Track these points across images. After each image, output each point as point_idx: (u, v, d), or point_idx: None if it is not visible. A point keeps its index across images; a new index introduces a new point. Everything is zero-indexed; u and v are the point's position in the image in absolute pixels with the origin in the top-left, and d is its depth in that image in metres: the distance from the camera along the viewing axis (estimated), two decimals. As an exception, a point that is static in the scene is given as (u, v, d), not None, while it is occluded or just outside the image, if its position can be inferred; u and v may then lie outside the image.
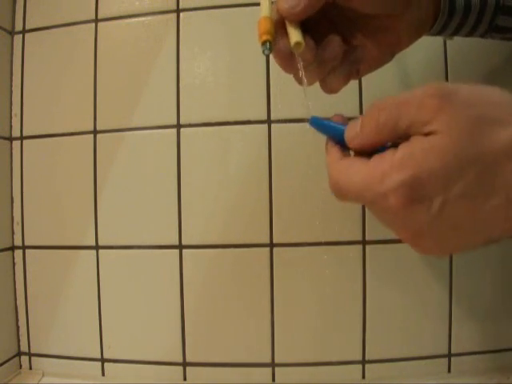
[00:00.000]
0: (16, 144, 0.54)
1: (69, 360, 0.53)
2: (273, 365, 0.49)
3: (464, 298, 0.48)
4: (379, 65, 0.32)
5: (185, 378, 0.50)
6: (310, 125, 0.26)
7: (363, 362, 0.49)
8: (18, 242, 0.54)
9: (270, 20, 0.26)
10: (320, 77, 0.30)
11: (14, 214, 0.54)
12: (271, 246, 0.49)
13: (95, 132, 0.51)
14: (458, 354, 0.49)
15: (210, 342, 0.50)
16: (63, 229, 0.52)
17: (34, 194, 0.53)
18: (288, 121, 0.48)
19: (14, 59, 0.54)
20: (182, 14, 0.50)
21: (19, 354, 0.54)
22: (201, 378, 0.50)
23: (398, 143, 0.22)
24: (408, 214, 0.21)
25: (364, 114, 0.23)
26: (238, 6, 0.49)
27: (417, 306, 0.48)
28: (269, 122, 0.49)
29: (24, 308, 0.54)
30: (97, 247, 0.51)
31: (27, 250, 0.54)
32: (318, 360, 0.49)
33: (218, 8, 0.49)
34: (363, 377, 0.49)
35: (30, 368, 0.54)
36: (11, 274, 0.54)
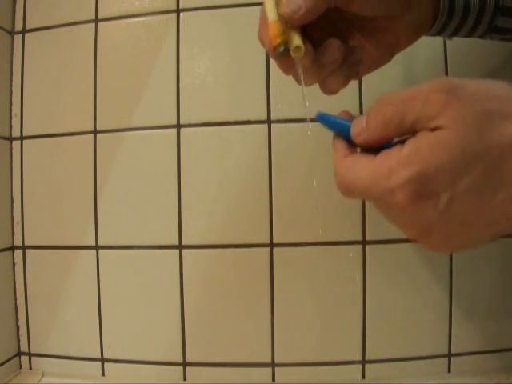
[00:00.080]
0: (16, 144, 0.54)
1: (69, 360, 0.53)
2: (273, 365, 0.49)
3: (464, 298, 0.48)
4: (378, 65, 0.32)
5: (185, 378, 0.50)
6: (317, 120, 0.26)
7: (363, 361, 0.49)
8: (18, 242, 0.54)
9: (279, 23, 0.27)
10: (319, 79, 0.30)
11: (14, 214, 0.54)
12: (271, 246, 0.49)
13: (95, 132, 0.51)
14: (458, 354, 0.49)
15: (210, 342, 0.50)
16: (63, 229, 0.52)
17: (34, 194, 0.53)
18: (288, 121, 0.48)
19: (14, 59, 0.54)
20: (181, 14, 0.50)
21: (19, 354, 0.54)
22: (201, 378, 0.50)
23: (404, 139, 0.21)
24: (415, 210, 0.21)
25: (370, 110, 0.23)
26: (238, 6, 0.49)
27: (417, 306, 0.48)
28: (269, 122, 0.49)
29: (24, 308, 0.54)
30: (97, 247, 0.51)
31: (27, 250, 0.54)
32: (318, 360, 0.49)
33: (218, 8, 0.50)
34: (363, 377, 0.49)
35: (30, 368, 0.54)
36: (11, 274, 0.54)
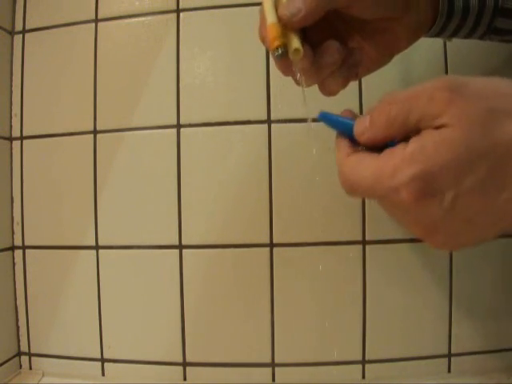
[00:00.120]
0: (16, 144, 0.54)
1: (69, 360, 0.53)
2: (273, 365, 0.49)
3: (464, 298, 0.48)
4: (378, 66, 0.32)
5: (185, 378, 0.50)
6: (319, 119, 0.26)
7: (363, 362, 0.49)
8: (18, 242, 0.54)
9: (278, 25, 0.27)
10: (318, 80, 0.30)
11: (14, 214, 0.54)
12: (271, 246, 0.49)
13: (95, 132, 0.51)
14: (458, 354, 0.49)
15: (210, 342, 0.50)
16: (63, 229, 0.52)
17: (33, 194, 0.53)
18: (288, 121, 0.48)
19: (14, 59, 0.54)
20: (181, 14, 0.50)
21: (19, 354, 0.54)
22: (201, 378, 0.50)
23: (407, 138, 0.21)
24: (420, 208, 0.21)
25: (373, 109, 0.23)
26: (238, 6, 0.49)
27: (417, 306, 0.48)
28: (269, 122, 0.49)
29: (24, 308, 0.54)
30: (97, 247, 0.51)
31: (27, 250, 0.54)
32: (318, 360, 0.49)
33: (218, 8, 0.50)
34: (363, 377, 0.49)
35: (30, 368, 0.54)
36: (11, 274, 0.54)
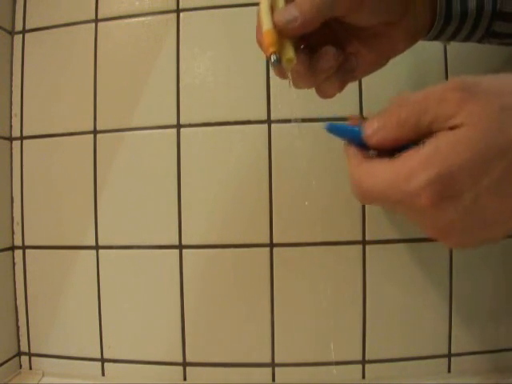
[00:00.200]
0: (16, 144, 0.54)
1: (69, 360, 0.53)
2: (273, 365, 0.49)
3: (464, 298, 0.48)
4: (374, 69, 0.32)
5: (185, 378, 0.50)
6: (327, 131, 0.25)
7: (363, 362, 0.49)
8: (18, 242, 0.54)
9: (274, 32, 0.27)
10: (315, 84, 0.30)
11: (14, 214, 0.54)
12: (271, 246, 0.49)
13: (95, 132, 0.51)
14: (458, 354, 0.49)
15: (210, 342, 0.50)
16: (63, 229, 0.52)
17: (34, 194, 0.53)
18: (288, 121, 0.48)
19: (13, 59, 0.54)
20: (181, 14, 0.50)
21: (19, 354, 0.54)
22: (201, 378, 0.50)
23: (419, 142, 0.21)
24: (437, 212, 0.21)
25: (383, 111, 0.22)
26: (238, 6, 0.49)
27: (417, 306, 0.48)
28: (269, 122, 0.49)
29: (24, 308, 0.54)
30: (97, 247, 0.51)
31: (27, 250, 0.54)
32: (318, 360, 0.49)
33: (218, 8, 0.49)
34: (363, 377, 0.49)
35: (30, 368, 0.54)
36: (11, 274, 0.54)
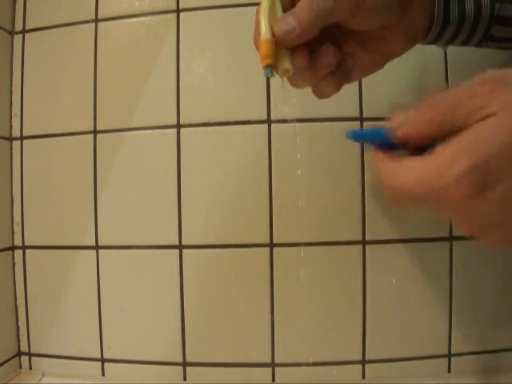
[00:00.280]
0: (16, 144, 0.54)
1: (69, 360, 0.53)
2: (273, 365, 0.49)
3: (464, 298, 0.48)
4: (371, 71, 0.32)
5: (185, 378, 0.50)
6: (349, 138, 0.25)
7: (363, 362, 0.49)
8: (18, 242, 0.54)
9: (272, 43, 0.26)
10: (312, 82, 0.30)
11: (14, 214, 0.54)
12: (271, 246, 0.49)
13: (95, 132, 0.51)
14: (458, 354, 0.49)
15: (210, 341, 0.50)
16: (63, 229, 0.52)
17: (33, 194, 0.53)
18: (288, 121, 0.48)
19: (14, 59, 0.54)
20: (181, 14, 0.50)
21: (19, 354, 0.54)
22: (201, 378, 0.50)
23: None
24: (475, 204, 0.20)
25: (413, 108, 0.22)
26: (238, 6, 0.49)
27: (417, 306, 0.48)
28: (269, 122, 0.49)
29: (24, 308, 0.54)
30: (97, 247, 0.51)
31: (27, 250, 0.54)
32: (318, 360, 0.49)
33: (218, 8, 0.49)
34: (363, 377, 0.49)
35: (30, 368, 0.54)
36: (11, 274, 0.54)
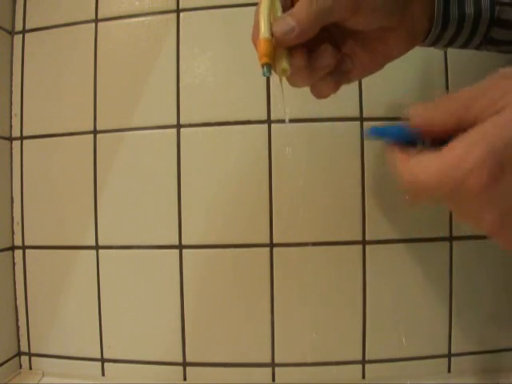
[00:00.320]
0: (16, 144, 0.54)
1: (69, 360, 0.53)
2: (273, 365, 0.49)
3: (464, 298, 0.48)
4: (369, 73, 0.32)
5: (185, 378, 0.50)
6: (370, 134, 0.25)
7: (363, 362, 0.49)
8: (18, 242, 0.54)
9: (270, 42, 0.26)
10: (310, 82, 0.30)
11: (14, 214, 0.54)
12: (271, 246, 0.49)
13: (95, 132, 0.51)
14: (458, 354, 0.49)
15: (210, 341, 0.50)
16: (63, 229, 0.52)
17: (33, 194, 0.53)
18: (288, 121, 0.48)
19: (14, 59, 0.54)
20: (181, 14, 0.50)
21: (19, 354, 0.54)
22: (201, 378, 0.50)
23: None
24: (495, 191, 0.20)
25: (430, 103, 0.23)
26: (238, 6, 0.49)
27: (417, 306, 0.48)
28: (269, 122, 0.49)
29: (24, 308, 0.54)
30: (97, 247, 0.51)
31: (27, 250, 0.54)
32: (318, 360, 0.49)
33: (218, 8, 0.49)
34: (363, 377, 0.49)
35: (30, 368, 0.54)
36: (11, 274, 0.54)
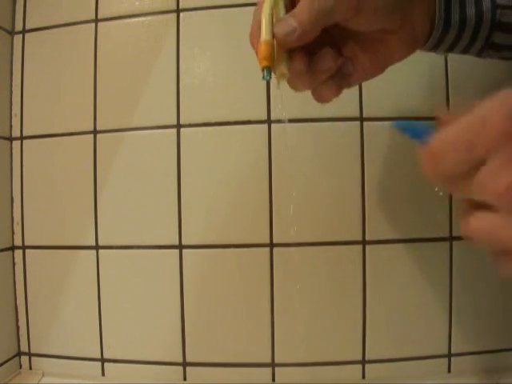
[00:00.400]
0: (16, 144, 0.54)
1: (69, 360, 0.53)
2: (273, 365, 0.49)
3: (464, 298, 0.48)
4: (370, 76, 0.32)
5: (185, 378, 0.50)
6: (394, 126, 0.26)
7: (363, 362, 0.49)
8: (18, 242, 0.54)
9: (271, 45, 0.26)
10: (312, 86, 0.30)
11: (14, 214, 0.54)
12: (271, 246, 0.49)
13: (95, 132, 0.51)
14: (458, 354, 0.49)
15: (210, 341, 0.50)
16: (63, 229, 0.52)
17: (33, 194, 0.53)
18: (288, 121, 0.48)
19: (14, 59, 0.54)
20: (181, 14, 0.50)
21: (19, 354, 0.54)
22: (201, 378, 0.50)
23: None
24: None
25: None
26: (238, 6, 0.49)
27: (417, 306, 0.48)
28: (269, 122, 0.49)
29: (24, 308, 0.54)
30: (97, 247, 0.51)
31: (27, 250, 0.54)
32: (318, 360, 0.49)
33: (218, 8, 0.49)
34: (363, 377, 0.49)
35: (30, 368, 0.54)
36: (11, 274, 0.54)
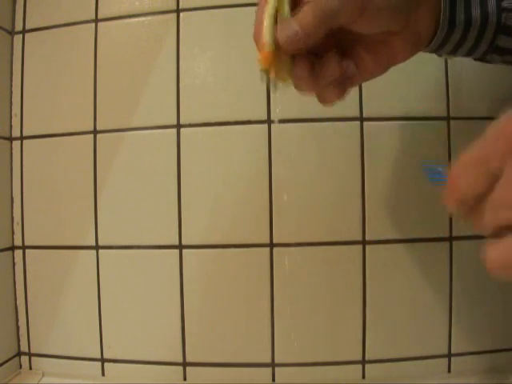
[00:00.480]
0: (16, 144, 0.54)
1: (69, 360, 0.53)
2: (273, 365, 0.49)
3: (464, 298, 0.48)
4: (372, 76, 0.32)
5: (185, 378, 0.50)
6: (424, 170, 0.26)
7: (363, 361, 0.49)
8: (18, 242, 0.54)
9: (271, 48, 0.26)
10: (315, 89, 0.30)
11: (14, 214, 0.54)
12: (271, 246, 0.49)
13: (95, 132, 0.51)
14: (458, 354, 0.49)
15: (210, 341, 0.50)
16: (63, 229, 0.52)
17: (33, 194, 0.53)
18: (288, 121, 0.48)
19: (14, 59, 0.54)
20: (181, 14, 0.50)
21: (19, 354, 0.54)
22: (201, 378, 0.50)
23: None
24: None
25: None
26: (238, 5, 0.49)
27: (417, 306, 0.48)
28: (269, 122, 0.49)
29: (24, 308, 0.54)
30: (97, 247, 0.51)
31: (27, 250, 0.54)
32: (318, 360, 0.49)
33: (218, 8, 0.49)
34: (363, 377, 0.49)
35: (30, 368, 0.54)
36: (11, 274, 0.54)
